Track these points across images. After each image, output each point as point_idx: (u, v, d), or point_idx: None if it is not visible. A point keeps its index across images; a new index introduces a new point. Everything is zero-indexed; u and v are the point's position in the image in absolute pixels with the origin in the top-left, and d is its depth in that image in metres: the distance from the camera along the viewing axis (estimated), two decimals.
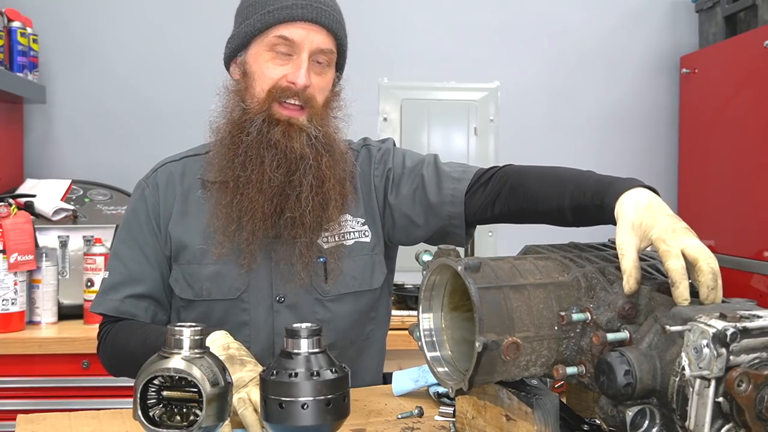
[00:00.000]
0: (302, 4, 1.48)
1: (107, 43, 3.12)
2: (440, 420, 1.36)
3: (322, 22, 1.50)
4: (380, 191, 1.63)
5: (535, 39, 3.36)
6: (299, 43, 1.49)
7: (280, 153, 1.48)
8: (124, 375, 1.55)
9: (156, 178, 1.60)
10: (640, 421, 1.01)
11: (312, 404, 1.14)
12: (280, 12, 1.48)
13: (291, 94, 1.48)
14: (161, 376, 1.17)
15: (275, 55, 1.50)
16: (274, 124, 1.48)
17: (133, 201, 1.61)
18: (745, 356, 0.93)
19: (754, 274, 2.83)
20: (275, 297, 1.54)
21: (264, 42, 1.50)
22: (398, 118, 2.84)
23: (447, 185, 1.57)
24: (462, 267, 1.10)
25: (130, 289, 1.54)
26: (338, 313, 1.56)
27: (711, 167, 3.13)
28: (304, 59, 1.49)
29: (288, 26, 1.48)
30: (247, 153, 1.48)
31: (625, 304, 1.08)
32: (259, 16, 1.50)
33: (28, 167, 3.08)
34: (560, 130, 3.37)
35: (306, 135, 1.48)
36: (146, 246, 1.56)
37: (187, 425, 1.16)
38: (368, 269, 1.59)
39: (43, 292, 2.43)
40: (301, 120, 1.49)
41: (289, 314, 1.54)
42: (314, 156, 1.49)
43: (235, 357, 1.29)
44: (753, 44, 2.81)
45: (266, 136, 1.47)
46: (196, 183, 1.59)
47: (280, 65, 1.50)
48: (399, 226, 1.62)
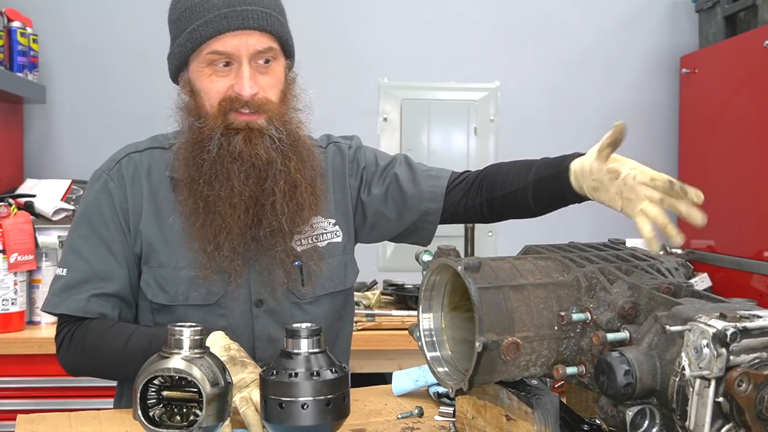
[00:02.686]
0: (225, 14, 1.41)
1: (107, 43, 3.12)
2: (440, 420, 1.36)
3: (251, 26, 1.42)
4: (354, 190, 1.62)
5: (535, 39, 3.36)
6: (234, 53, 1.42)
7: (246, 163, 1.43)
8: (95, 376, 1.51)
9: (120, 169, 1.52)
10: (640, 421, 1.01)
11: (312, 404, 1.14)
12: (206, 27, 1.41)
13: (241, 104, 1.43)
14: (161, 376, 1.17)
15: (215, 69, 1.43)
16: (233, 134, 1.43)
17: (93, 193, 1.52)
18: (745, 356, 0.93)
19: (754, 274, 2.83)
20: (254, 302, 1.51)
21: (200, 59, 1.44)
22: (398, 118, 2.84)
23: (425, 182, 1.60)
24: (462, 267, 1.10)
25: (96, 288, 1.46)
26: (315, 315, 1.54)
27: (711, 167, 3.13)
28: (245, 68, 1.42)
29: (218, 39, 1.41)
30: (212, 170, 1.43)
31: (625, 304, 1.08)
32: (187, 35, 1.43)
33: (28, 167, 3.08)
34: (560, 130, 3.37)
35: (269, 138, 1.44)
36: (113, 243, 1.48)
37: (187, 425, 1.16)
38: (342, 269, 1.59)
39: (43, 292, 2.43)
40: (260, 122, 1.44)
41: (268, 319, 1.51)
42: (282, 160, 1.45)
43: (236, 358, 1.28)
44: (753, 44, 2.81)
45: (228, 149, 1.42)
46: (164, 180, 1.52)
47: (223, 77, 1.43)
48: (370, 223, 1.63)
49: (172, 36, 1.49)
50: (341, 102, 3.04)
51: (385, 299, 2.72)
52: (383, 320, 2.44)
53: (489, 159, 2.88)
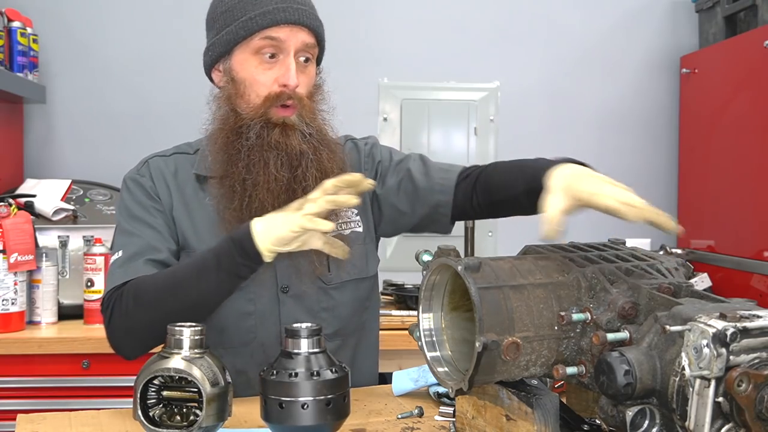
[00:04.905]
0: (283, 8, 1.52)
1: (107, 43, 3.12)
2: (440, 420, 1.36)
3: (304, 23, 1.53)
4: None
5: (535, 39, 3.36)
6: (286, 41, 1.51)
7: (281, 152, 1.51)
8: (147, 331, 1.42)
9: (149, 168, 1.60)
10: (640, 421, 1.01)
11: (312, 404, 1.14)
12: (263, 17, 1.51)
13: (285, 97, 1.52)
14: (161, 376, 1.17)
15: (262, 59, 1.52)
16: (271, 128, 1.51)
17: (126, 191, 1.58)
18: (745, 356, 0.93)
19: (754, 274, 2.82)
20: (280, 287, 1.56)
21: (249, 47, 1.52)
22: (398, 118, 2.84)
23: (436, 175, 1.66)
24: (462, 267, 1.10)
25: (151, 255, 1.51)
26: (341, 301, 1.61)
27: (711, 167, 3.13)
28: (292, 60, 1.52)
29: (272, 30, 1.51)
30: (250, 156, 1.51)
31: (625, 304, 1.08)
32: (241, 23, 1.52)
33: (28, 167, 3.08)
34: (560, 130, 3.37)
35: (300, 133, 1.52)
36: (156, 223, 1.54)
37: (187, 425, 1.17)
38: (363, 257, 1.64)
39: (43, 292, 2.43)
40: (293, 118, 1.52)
41: (294, 304, 1.56)
42: (313, 151, 1.53)
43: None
44: (753, 44, 2.81)
45: (266, 140, 1.50)
46: (190, 177, 1.60)
47: (268, 69, 1.52)
48: (386, 216, 1.68)
49: (218, 27, 1.56)
50: (341, 102, 3.03)
51: (385, 299, 2.72)
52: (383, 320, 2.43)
53: (489, 159, 2.88)
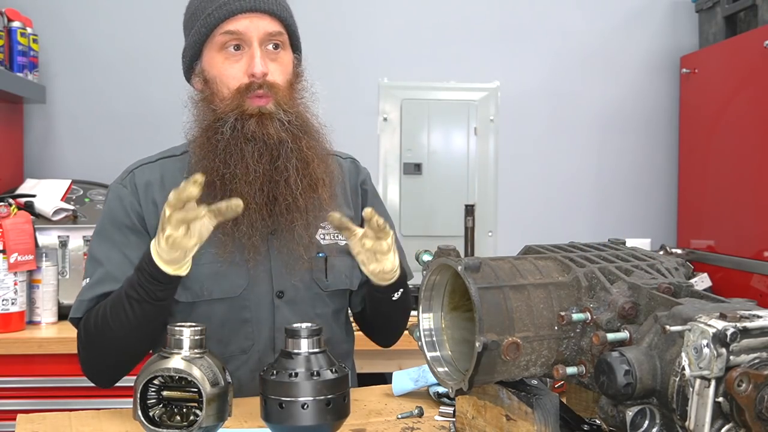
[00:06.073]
0: None
1: (107, 43, 3.12)
2: (440, 420, 1.36)
3: (263, 9, 1.51)
4: (358, 207, 1.68)
5: (535, 39, 3.36)
6: (246, 33, 1.51)
7: (258, 143, 1.49)
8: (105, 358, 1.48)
9: (133, 178, 1.57)
10: (640, 421, 1.01)
11: (312, 404, 1.14)
12: (220, 10, 1.51)
13: (255, 87, 1.50)
14: (161, 376, 1.17)
15: (228, 54, 1.52)
16: (247, 119, 1.49)
17: (107, 203, 1.58)
18: (745, 356, 0.93)
19: (754, 274, 2.82)
20: (275, 292, 1.55)
21: (214, 44, 1.53)
22: (398, 118, 2.84)
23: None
24: (462, 267, 1.10)
25: (109, 287, 1.48)
26: (335, 308, 1.61)
27: (711, 167, 3.13)
28: (256, 48, 1.51)
29: (231, 21, 1.50)
30: (226, 149, 1.49)
31: (625, 304, 1.08)
32: (202, 21, 1.53)
33: (28, 167, 3.08)
34: (560, 130, 3.37)
35: (278, 121, 1.50)
36: (126, 246, 1.52)
37: (187, 425, 1.17)
38: (351, 270, 1.62)
39: (43, 292, 2.43)
40: (269, 107, 1.50)
41: (288, 310, 1.55)
42: (292, 140, 1.51)
43: None
44: (753, 44, 2.81)
45: (241, 131, 1.49)
46: (178, 181, 1.53)
47: (235, 62, 1.52)
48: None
49: (187, 31, 1.58)
50: (341, 102, 3.04)
51: None
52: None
53: (489, 159, 2.88)
